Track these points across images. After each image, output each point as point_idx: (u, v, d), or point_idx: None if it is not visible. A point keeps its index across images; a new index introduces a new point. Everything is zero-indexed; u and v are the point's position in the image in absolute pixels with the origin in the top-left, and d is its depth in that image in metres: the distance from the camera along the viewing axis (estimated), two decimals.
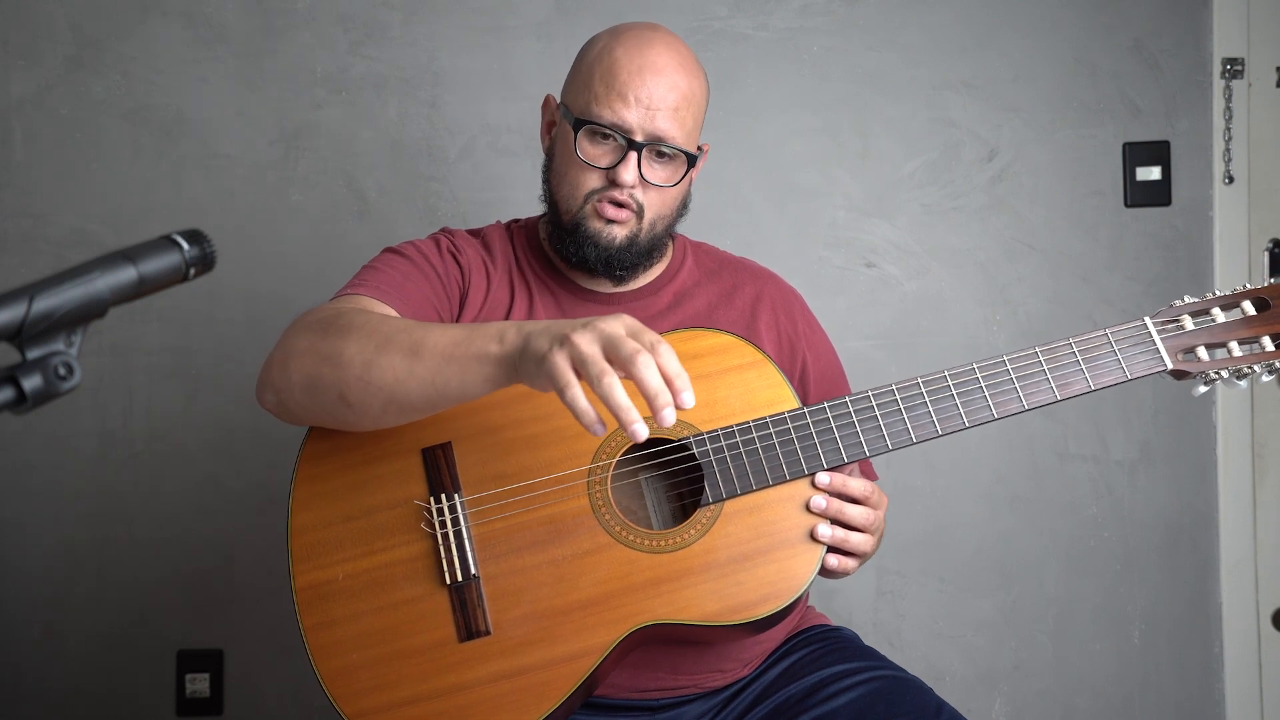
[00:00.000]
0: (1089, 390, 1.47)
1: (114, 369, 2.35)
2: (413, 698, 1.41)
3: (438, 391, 1.35)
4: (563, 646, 1.41)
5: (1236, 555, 2.39)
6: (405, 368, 1.34)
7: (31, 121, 2.35)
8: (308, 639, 1.43)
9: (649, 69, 1.56)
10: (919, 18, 2.38)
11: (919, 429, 1.46)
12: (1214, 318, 1.50)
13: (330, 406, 1.40)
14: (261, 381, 1.47)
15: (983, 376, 1.48)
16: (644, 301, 1.66)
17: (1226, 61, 2.37)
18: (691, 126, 1.60)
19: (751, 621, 1.42)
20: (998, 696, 2.39)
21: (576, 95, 1.61)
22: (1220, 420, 2.39)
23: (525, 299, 1.65)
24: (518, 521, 1.45)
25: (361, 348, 1.37)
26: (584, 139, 1.57)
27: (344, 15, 2.36)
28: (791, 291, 1.76)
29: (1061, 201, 2.38)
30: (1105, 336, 1.49)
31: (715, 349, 1.50)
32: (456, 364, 1.33)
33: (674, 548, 1.43)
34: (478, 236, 1.71)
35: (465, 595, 1.43)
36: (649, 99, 1.55)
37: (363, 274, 1.58)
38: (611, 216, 1.58)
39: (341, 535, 1.45)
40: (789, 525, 1.44)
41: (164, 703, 2.35)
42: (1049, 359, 1.48)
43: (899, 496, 2.28)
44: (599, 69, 1.58)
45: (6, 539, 2.36)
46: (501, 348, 1.31)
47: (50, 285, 0.85)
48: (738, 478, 1.45)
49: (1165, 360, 1.48)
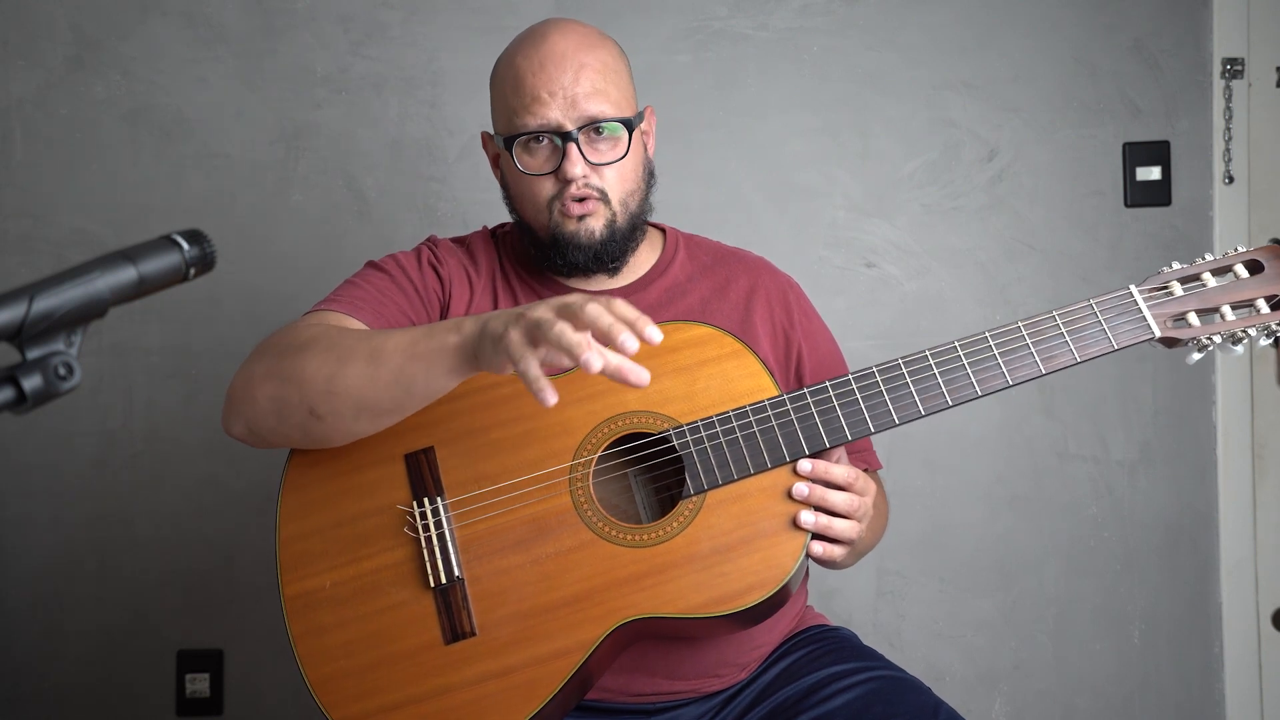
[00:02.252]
0: (1075, 362, 1.45)
1: (114, 369, 2.35)
2: (401, 702, 1.42)
3: (404, 390, 1.37)
4: (548, 644, 1.41)
5: (1236, 555, 2.39)
6: (369, 373, 1.37)
7: (31, 121, 2.35)
8: (296, 647, 1.45)
9: (550, 60, 1.55)
10: (919, 18, 2.38)
11: (901, 410, 1.45)
12: (1204, 283, 1.46)
13: (301, 422, 1.42)
14: (227, 412, 1.49)
15: (965, 354, 1.46)
16: (634, 298, 1.64)
17: (1226, 61, 2.37)
18: (618, 95, 1.58)
19: (738, 612, 1.41)
20: (998, 696, 2.39)
21: (501, 119, 1.62)
22: (1220, 420, 2.39)
23: (509, 305, 1.64)
24: (501, 522, 1.45)
25: (323, 361, 1.39)
26: (520, 153, 1.57)
27: (344, 15, 2.36)
28: (787, 281, 1.74)
29: (1061, 201, 2.38)
30: (1090, 307, 1.46)
31: (693, 341, 1.50)
32: (419, 360, 1.35)
33: (657, 541, 1.43)
34: (463, 245, 1.71)
35: (450, 598, 1.43)
36: (562, 89, 1.54)
37: (340, 289, 1.60)
38: (579, 212, 1.57)
39: (328, 543, 1.46)
40: (772, 514, 1.43)
41: (164, 703, 2.35)
42: (1032, 332, 1.45)
43: (899, 496, 2.28)
44: (507, 84, 1.59)
45: (6, 539, 2.36)
46: (460, 336, 1.33)
47: (50, 285, 0.85)
48: (719, 468, 1.44)
49: (1153, 328, 1.44)
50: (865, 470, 1.70)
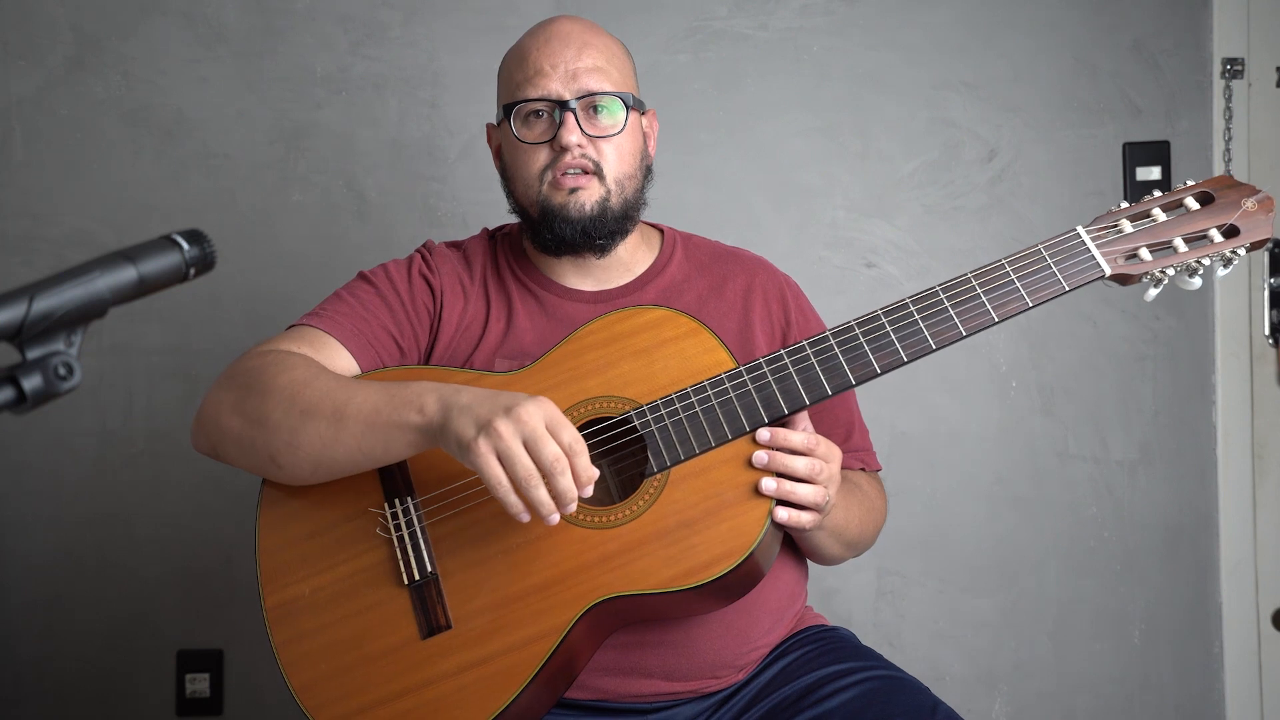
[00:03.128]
0: (1027, 308, 1.45)
1: (114, 369, 2.35)
2: (381, 699, 1.43)
3: (364, 456, 1.43)
4: (522, 631, 1.43)
5: (1236, 555, 2.39)
6: (330, 435, 1.42)
7: (31, 121, 2.35)
8: (279, 655, 1.46)
9: (556, 37, 1.60)
10: (919, 18, 2.38)
11: (857, 370, 1.46)
12: (1154, 219, 1.47)
13: (263, 465, 1.48)
14: (195, 430, 1.54)
15: (918, 310, 1.47)
16: (631, 298, 1.65)
17: (1226, 61, 2.37)
18: (619, 76, 1.61)
19: (709, 582, 1.41)
20: (998, 697, 2.39)
21: (502, 94, 1.65)
22: (1220, 420, 2.39)
23: (503, 308, 1.65)
24: (471, 517, 1.47)
25: (286, 412, 1.44)
26: (518, 124, 1.59)
27: (344, 15, 2.36)
28: (785, 279, 1.74)
29: (1061, 201, 2.38)
30: (1039, 251, 1.46)
31: (650, 324, 1.52)
32: (379, 431, 1.40)
33: (624, 521, 1.44)
34: (459, 249, 1.71)
35: (424, 593, 1.45)
36: (564, 62, 1.58)
37: (327, 302, 1.62)
38: (571, 185, 1.58)
39: (306, 552, 1.49)
40: (734, 484, 1.44)
41: (164, 703, 2.35)
42: (983, 282, 1.46)
43: (899, 496, 2.28)
44: (511, 61, 1.64)
45: (6, 539, 2.36)
46: (422, 418, 1.38)
47: (50, 285, 0.85)
48: (680, 444, 1.45)
49: (1103, 266, 1.45)
50: (863, 470, 1.70)
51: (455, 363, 1.61)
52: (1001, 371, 2.38)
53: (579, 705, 1.54)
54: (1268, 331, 2.37)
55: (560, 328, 1.61)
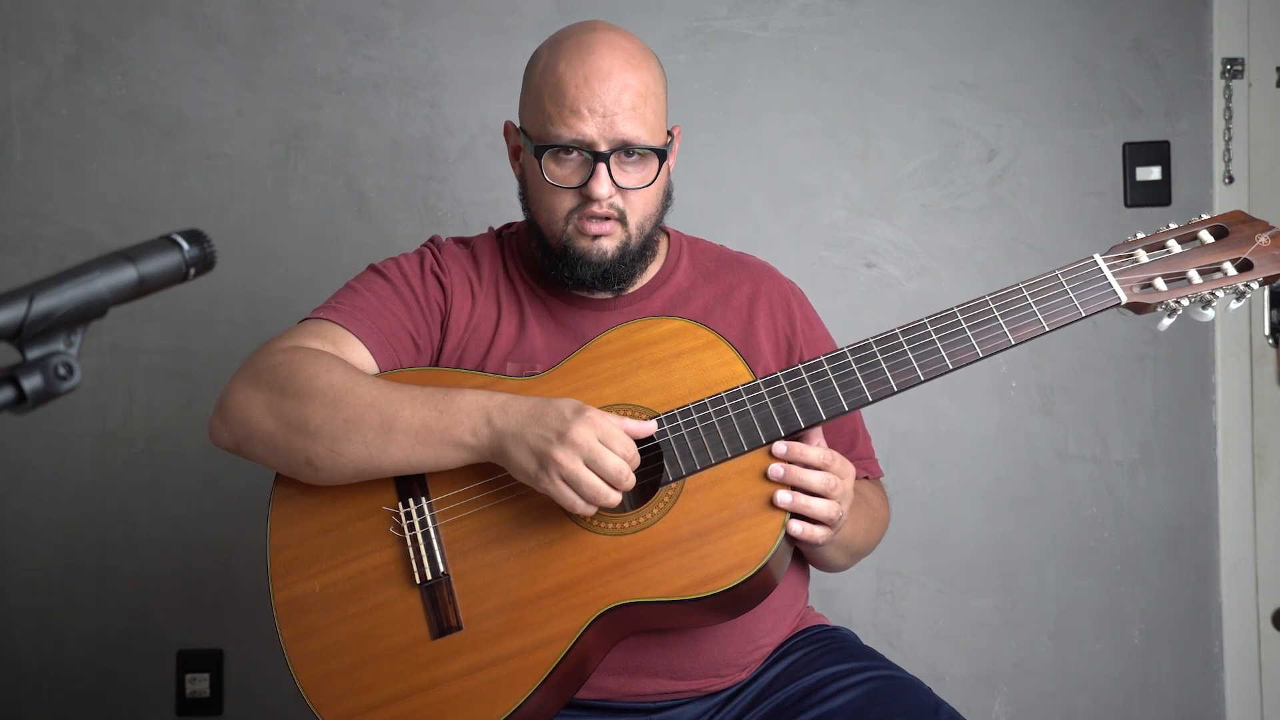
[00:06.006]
0: (1044, 332, 1.47)
1: (114, 369, 2.35)
2: (390, 698, 1.43)
3: (411, 466, 1.46)
4: (532, 635, 1.43)
5: (1236, 555, 2.39)
6: (378, 446, 1.44)
7: (31, 121, 2.35)
8: (288, 651, 1.47)
9: (595, 76, 1.52)
10: (919, 18, 2.38)
11: (874, 388, 1.46)
12: (1169, 250, 1.48)
13: (296, 468, 1.48)
14: (217, 424, 1.52)
15: (935, 330, 1.48)
16: (637, 307, 1.64)
17: (1226, 61, 2.37)
18: (654, 120, 1.56)
19: (721, 592, 1.42)
20: (998, 697, 2.39)
21: (532, 120, 1.58)
22: (1220, 420, 2.39)
23: (515, 313, 1.64)
24: (485, 519, 1.47)
25: (328, 419, 1.44)
26: (549, 163, 1.55)
27: (344, 15, 2.36)
28: (790, 287, 1.73)
29: (1061, 201, 2.38)
30: (1056, 277, 1.48)
31: (668, 335, 1.52)
32: (430, 447, 1.44)
33: (637, 528, 1.45)
34: (467, 247, 1.69)
35: (436, 594, 1.45)
36: (603, 106, 1.52)
37: (340, 295, 1.60)
38: (596, 231, 1.56)
39: (318, 548, 1.49)
40: (749, 496, 1.45)
41: (164, 703, 2.35)
42: (1000, 305, 1.48)
43: (899, 496, 2.28)
44: (546, 88, 1.55)
45: (6, 539, 2.36)
46: (476, 440, 1.43)
47: (50, 285, 0.85)
48: (696, 454, 1.46)
49: (1119, 294, 1.47)
50: (865, 479, 1.70)
51: (465, 364, 1.60)
52: (1001, 371, 2.38)
53: (583, 705, 1.54)
54: (1268, 331, 2.37)
55: (568, 334, 1.61)
